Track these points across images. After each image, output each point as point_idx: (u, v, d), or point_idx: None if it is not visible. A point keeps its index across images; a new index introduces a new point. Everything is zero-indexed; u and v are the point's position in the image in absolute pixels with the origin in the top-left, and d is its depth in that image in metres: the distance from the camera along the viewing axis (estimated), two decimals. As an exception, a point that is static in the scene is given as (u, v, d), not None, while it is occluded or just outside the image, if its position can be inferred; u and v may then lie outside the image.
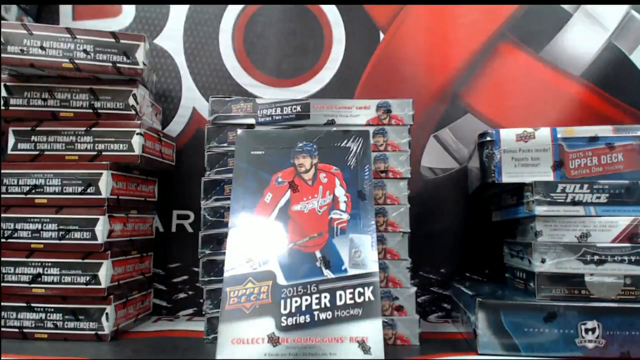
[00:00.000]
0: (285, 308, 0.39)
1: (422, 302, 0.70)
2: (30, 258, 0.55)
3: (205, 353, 0.50)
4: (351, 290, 0.40)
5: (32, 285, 0.55)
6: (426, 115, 0.74)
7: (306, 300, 0.39)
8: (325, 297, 0.39)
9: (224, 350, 0.37)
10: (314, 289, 0.40)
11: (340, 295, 0.40)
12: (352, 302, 0.39)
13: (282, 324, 0.39)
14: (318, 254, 0.42)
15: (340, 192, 0.47)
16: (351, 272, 0.41)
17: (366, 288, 0.40)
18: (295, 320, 0.39)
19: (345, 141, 0.50)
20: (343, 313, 0.39)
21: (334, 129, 0.55)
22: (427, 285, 0.71)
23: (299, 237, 0.43)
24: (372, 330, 0.38)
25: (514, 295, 0.56)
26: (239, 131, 0.53)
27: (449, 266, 0.72)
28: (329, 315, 0.39)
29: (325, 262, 0.42)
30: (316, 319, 0.39)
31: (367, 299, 0.39)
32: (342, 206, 0.46)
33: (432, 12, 0.75)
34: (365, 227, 0.44)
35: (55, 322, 0.55)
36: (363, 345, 0.38)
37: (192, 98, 0.74)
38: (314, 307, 0.39)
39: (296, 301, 0.39)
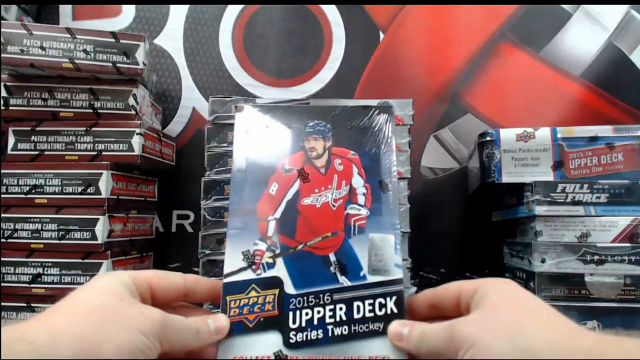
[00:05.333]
0: (294, 322, 0.34)
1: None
2: (30, 258, 0.55)
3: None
4: (371, 300, 0.34)
5: (32, 285, 0.55)
6: (426, 115, 0.74)
7: (318, 312, 0.34)
8: (340, 308, 0.34)
9: None
10: (327, 299, 0.34)
11: (359, 307, 0.34)
12: (372, 315, 0.34)
13: (291, 340, 0.33)
14: (332, 258, 0.36)
15: (358, 182, 0.40)
16: (371, 279, 0.35)
17: (388, 298, 0.34)
18: (306, 336, 0.33)
19: (365, 119, 0.42)
20: (362, 328, 0.33)
21: (351, 104, 0.47)
22: (427, 285, 0.71)
23: (311, 237, 0.37)
24: (395, 348, 0.33)
25: (514, 295, 0.55)
26: (238, 107, 0.43)
27: (449, 266, 0.72)
28: (345, 330, 0.33)
29: (340, 267, 0.36)
30: (330, 334, 0.33)
31: (389, 311, 0.34)
32: (361, 199, 0.39)
33: (432, 12, 0.75)
34: (388, 225, 0.38)
35: (55, 322, 0.55)
36: None
37: (192, 98, 0.74)
38: (328, 320, 0.34)
39: (307, 313, 0.34)
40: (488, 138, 0.58)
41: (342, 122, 0.42)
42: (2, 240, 0.56)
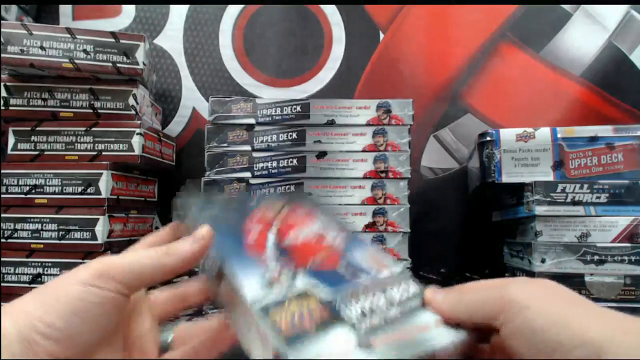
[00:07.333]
0: (351, 313, 0.33)
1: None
2: (30, 258, 0.55)
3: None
4: (397, 285, 0.36)
5: (32, 286, 0.55)
6: (426, 115, 0.74)
7: (365, 301, 0.34)
8: (379, 298, 0.35)
9: None
10: (364, 290, 0.35)
11: (392, 293, 0.35)
12: (407, 295, 0.35)
13: (361, 329, 0.32)
14: (340, 270, 0.37)
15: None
16: (383, 274, 0.37)
17: (409, 282, 0.36)
18: (370, 322, 0.33)
19: None
20: (406, 307, 0.34)
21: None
22: (427, 285, 0.71)
23: (310, 260, 0.37)
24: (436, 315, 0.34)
25: (514, 295, 0.55)
26: (178, 194, 0.44)
27: (449, 266, 0.72)
28: (397, 312, 0.34)
29: (353, 272, 0.37)
30: (387, 317, 0.33)
31: (417, 291, 0.36)
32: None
33: (432, 12, 0.75)
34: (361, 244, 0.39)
35: (55, 322, 0.55)
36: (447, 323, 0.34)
37: (192, 98, 0.74)
38: (379, 305, 0.34)
39: (356, 302, 0.34)
40: (488, 138, 0.58)
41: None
42: (2, 240, 0.56)
